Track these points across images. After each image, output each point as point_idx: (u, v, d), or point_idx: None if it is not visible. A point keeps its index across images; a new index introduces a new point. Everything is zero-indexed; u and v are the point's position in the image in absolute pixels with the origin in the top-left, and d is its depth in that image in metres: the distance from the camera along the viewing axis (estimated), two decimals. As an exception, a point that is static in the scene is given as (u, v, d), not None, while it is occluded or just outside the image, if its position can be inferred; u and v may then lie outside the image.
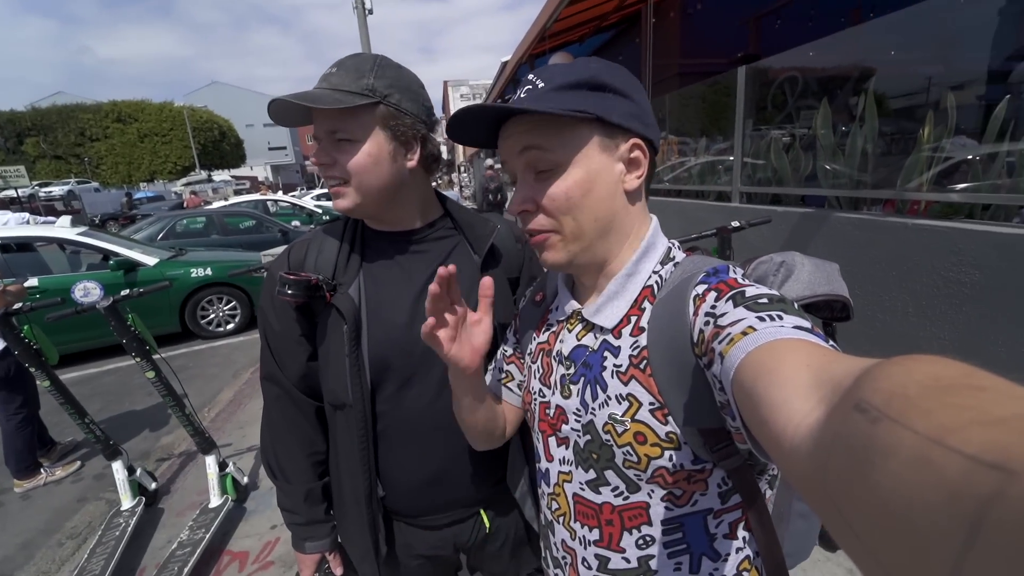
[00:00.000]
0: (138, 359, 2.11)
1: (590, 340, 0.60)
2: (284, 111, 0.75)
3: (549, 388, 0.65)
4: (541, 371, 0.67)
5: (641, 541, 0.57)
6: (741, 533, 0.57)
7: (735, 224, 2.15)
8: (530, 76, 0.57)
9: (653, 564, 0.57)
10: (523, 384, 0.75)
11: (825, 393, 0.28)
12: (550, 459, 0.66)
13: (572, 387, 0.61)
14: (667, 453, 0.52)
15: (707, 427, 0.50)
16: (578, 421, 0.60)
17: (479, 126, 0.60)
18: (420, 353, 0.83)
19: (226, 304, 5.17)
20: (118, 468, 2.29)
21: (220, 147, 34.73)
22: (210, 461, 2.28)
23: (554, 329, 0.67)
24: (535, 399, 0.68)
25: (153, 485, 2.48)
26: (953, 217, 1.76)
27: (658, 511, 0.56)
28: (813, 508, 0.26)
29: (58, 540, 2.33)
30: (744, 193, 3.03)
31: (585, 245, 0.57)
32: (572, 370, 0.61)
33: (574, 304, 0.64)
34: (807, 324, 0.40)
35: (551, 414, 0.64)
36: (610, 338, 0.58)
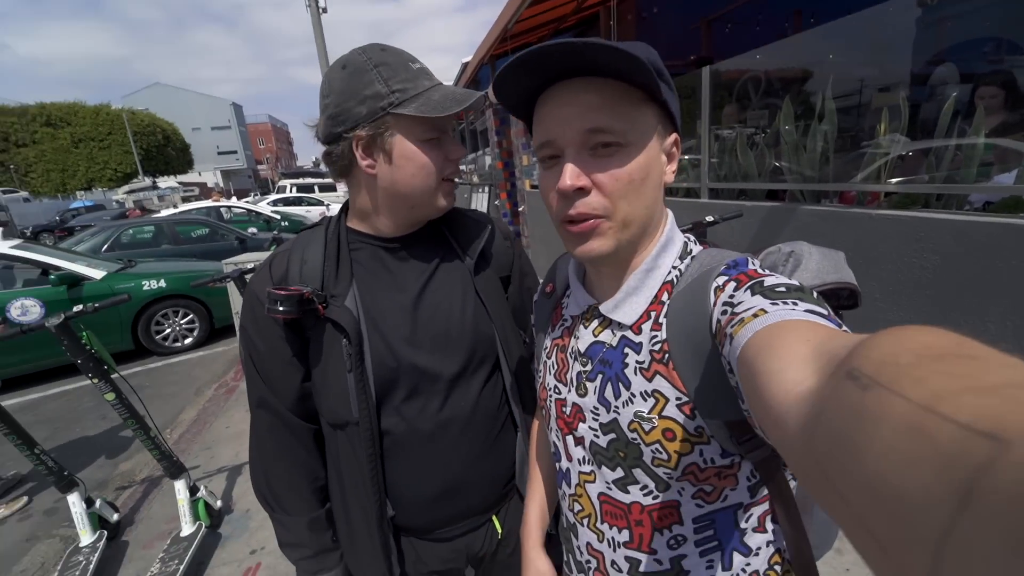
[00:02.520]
0: (95, 380, 1.95)
1: (607, 336, 0.59)
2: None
3: (565, 385, 0.64)
4: (556, 367, 0.66)
5: (672, 541, 0.56)
6: (770, 526, 0.57)
7: (709, 219, 2.21)
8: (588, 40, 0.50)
9: (685, 564, 0.56)
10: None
11: (821, 365, 0.28)
12: (569, 459, 0.64)
13: (588, 384, 0.59)
14: (697, 448, 0.52)
15: (732, 419, 0.49)
16: (596, 419, 0.59)
17: (533, 77, 0.51)
18: (424, 362, 0.80)
19: (183, 317, 4.88)
20: (75, 501, 2.10)
21: (165, 152, 32.58)
22: (179, 486, 2.13)
23: (568, 325, 0.66)
24: (551, 396, 0.66)
25: (115, 516, 2.30)
26: (911, 207, 1.88)
27: (689, 509, 0.55)
28: (800, 477, 0.25)
29: (6, 585, 2.12)
30: (711, 189, 3.13)
31: (633, 233, 0.54)
32: (589, 367, 0.60)
33: (589, 299, 0.62)
34: (823, 310, 0.40)
35: (567, 412, 0.63)
36: (630, 334, 0.57)
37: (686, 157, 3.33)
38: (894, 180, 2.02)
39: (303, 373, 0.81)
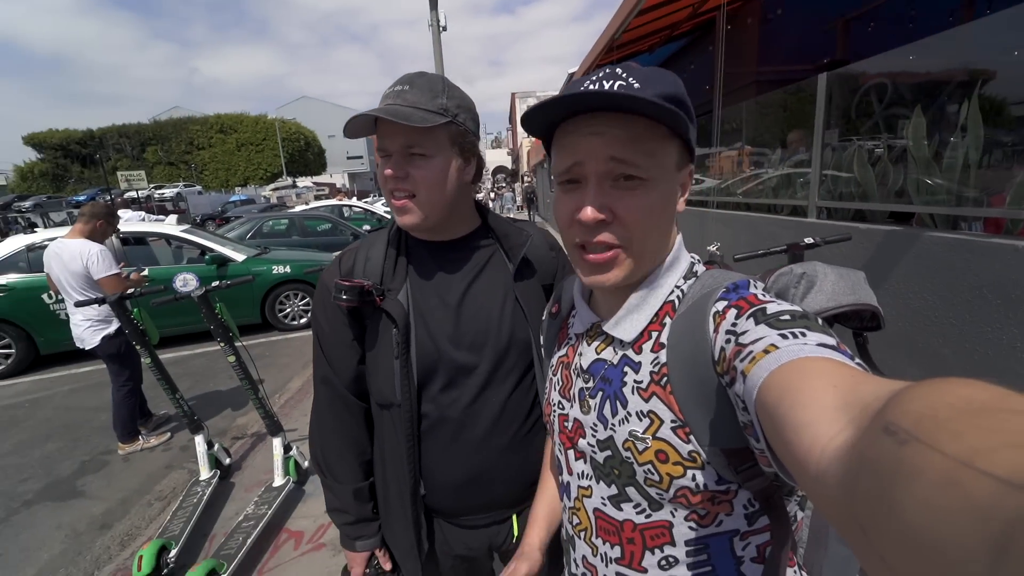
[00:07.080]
0: (222, 344, 2.34)
1: (609, 354, 0.60)
2: (361, 125, 0.79)
3: (568, 401, 0.65)
4: (561, 383, 0.67)
5: (664, 562, 0.55)
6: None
7: (808, 241, 1.99)
8: (617, 70, 0.50)
9: None
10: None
11: (853, 415, 0.28)
12: (570, 472, 0.65)
13: (591, 401, 0.60)
14: (690, 472, 0.51)
15: (730, 447, 0.48)
16: (594, 436, 0.59)
17: (564, 112, 0.53)
18: (462, 358, 0.86)
19: (301, 300, 5.59)
20: (199, 442, 2.54)
21: (305, 156, 37.92)
22: (276, 443, 2.47)
23: (573, 343, 0.67)
24: (555, 411, 0.68)
25: (227, 460, 2.72)
26: (1076, 240, 1.53)
27: (682, 531, 0.54)
28: (839, 531, 0.25)
29: (148, 500, 2.63)
30: (822, 208, 2.82)
31: (644, 262, 0.56)
32: (591, 383, 0.61)
33: (593, 317, 0.63)
34: (832, 341, 0.39)
35: (569, 427, 0.64)
36: (631, 353, 0.57)
37: (798, 170, 3.04)
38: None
39: (359, 356, 0.91)
